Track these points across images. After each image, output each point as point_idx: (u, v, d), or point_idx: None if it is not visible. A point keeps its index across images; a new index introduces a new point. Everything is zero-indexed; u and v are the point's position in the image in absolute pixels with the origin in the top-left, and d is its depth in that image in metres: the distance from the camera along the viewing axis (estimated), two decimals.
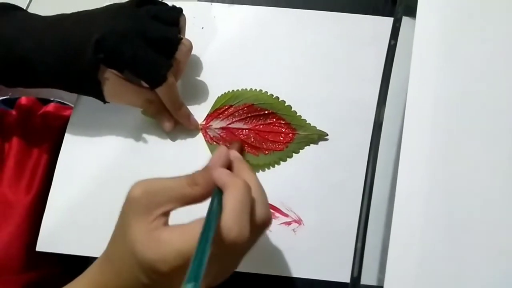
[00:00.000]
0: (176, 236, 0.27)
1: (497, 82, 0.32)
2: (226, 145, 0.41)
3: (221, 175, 0.29)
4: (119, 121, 0.43)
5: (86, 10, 0.39)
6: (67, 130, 0.44)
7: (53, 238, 0.40)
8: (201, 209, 0.29)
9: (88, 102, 0.44)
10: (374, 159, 0.34)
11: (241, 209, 0.27)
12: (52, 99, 0.53)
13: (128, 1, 0.40)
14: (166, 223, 0.29)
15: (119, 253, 0.29)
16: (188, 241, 0.27)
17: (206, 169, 0.30)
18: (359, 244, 0.32)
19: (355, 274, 0.32)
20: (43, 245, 0.40)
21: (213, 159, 0.32)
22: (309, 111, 0.42)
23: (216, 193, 0.29)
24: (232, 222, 0.27)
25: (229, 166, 0.32)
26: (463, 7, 0.35)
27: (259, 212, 0.29)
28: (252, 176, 0.31)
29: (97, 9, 0.39)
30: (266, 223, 0.30)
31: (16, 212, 0.42)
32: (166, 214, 0.29)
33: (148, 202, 0.28)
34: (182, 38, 0.40)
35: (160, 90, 0.39)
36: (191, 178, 0.29)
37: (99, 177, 0.42)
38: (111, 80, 0.38)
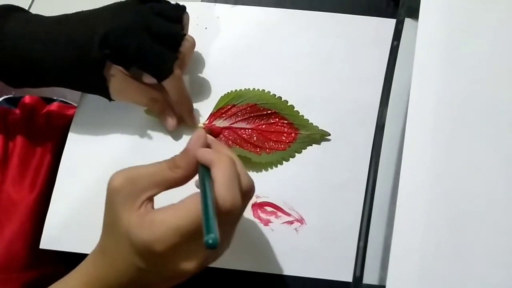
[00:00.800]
0: (169, 215, 0.28)
1: (500, 84, 0.32)
2: (228, 145, 0.42)
3: (206, 154, 0.30)
4: (123, 120, 0.43)
5: (88, 9, 0.40)
6: (70, 129, 0.44)
7: (56, 236, 0.40)
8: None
9: (91, 101, 0.44)
10: (376, 160, 0.34)
11: (231, 180, 0.28)
12: (55, 98, 0.54)
13: None
14: (153, 207, 0.30)
15: (113, 245, 0.30)
16: (183, 217, 0.27)
17: (186, 151, 0.31)
18: (362, 244, 0.32)
19: (357, 274, 0.32)
20: (46, 243, 0.40)
21: (192, 141, 0.32)
22: (311, 111, 0.42)
23: (203, 171, 0.30)
24: (225, 192, 0.28)
25: (207, 147, 0.33)
26: (465, 8, 0.35)
27: (244, 181, 0.30)
28: (231, 152, 0.33)
29: (100, 7, 0.40)
30: (252, 189, 0.31)
31: (19, 210, 0.42)
32: (150, 199, 0.30)
33: (130, 190, 0.29)
34: (185, 34, 0.40)
35: (167, 83, 0.39)
36: (172, 161, 0.30)
37: (102, 176, 0.41)
38: (116, 77, 0.39)
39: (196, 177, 0.31)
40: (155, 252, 0.28)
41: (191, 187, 0.32)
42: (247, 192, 0.31)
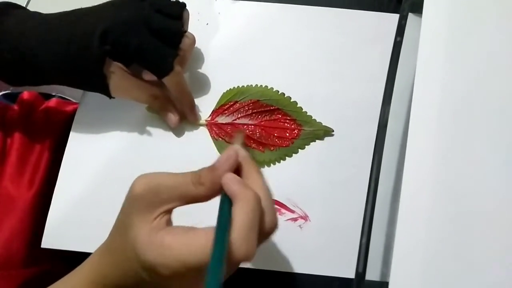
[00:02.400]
0: (180, 245, 0.26)
1: (504, 81, 0.32)
2: (230, 140, 0.41)
3: (231, 183, 0.28)
4: (124, 118, 0.43)
5: (88, 6, 0.39)
6: (72, 127, 0.43)
7: (58, 234, 0.40)
8: (201, 209, 0.29)
9: (93, 99, 0.44)
10: (379, 157, 0.34)
11: (251, 227, 0.27)
12: (54, 94, 0.53)
13: None
14: (168, 221, 0.29)
15: (120, 247, 0.29)
16: (193, 253, 0.26)
17: (213, 169, 0.29)
18: (364, 240, 0.32)
19: (360, 270, 0.32)
20: (48, 241, 0.40)
21: (221, 159, 0.30)
22: (314, 107, 0.42)
23: (224, 200, 0.28)
24: (242, 240, 0.26)
25: (237, 167, 0.31)
26: (469, 4, 0.35)
27: (268, 221, 0.29)
28: (260, 180, 0.30)
29: (99, 4, 0.39)
30: (273, 229, 0.30)
31: (18, 206, 0.42)
32: (169, 211, 0.29)
33: (150, 200, 0.28)
34: (186, 31, 0.40)
35: (168, 80, 0.39)
36: (197, 177, 0.28)
37: (104, 174, 0.42)
38: (117, 73, 0.38)
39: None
40: (160, 274, 0.27)
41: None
42: (267, 233, 0.29)
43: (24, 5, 0.42)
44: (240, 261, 0.26)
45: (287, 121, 0.42)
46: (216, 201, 0.29)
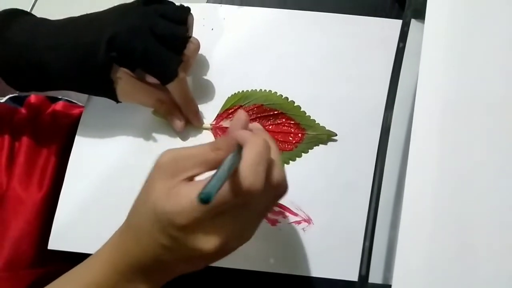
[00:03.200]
0: (195, 189, 0.27)
1: (507, 85, 0.33)
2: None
3: (243, 133, 0.30)
4: (130, 121, 0.44)
5: (93, 12, 0.40)
6: (78, 130, 0.44)
7: (64, 236, 0.40)
8: None
9: (99, 103, 0.44)
10: (382, 162, 0.34)
11: (258, 161, 0.28)
12: (60, 97, 0.54)
13: (135, 0, 0.40)
14: None
15: (140, 218, 0.30)
16: None
17: (227, 133, 0.31)
18: (367, 243, 0.33)
19: (363, 273, 0.32)
20: (54, 243, 0.40)
21: (233, 123, 0.32)
22: (318, 112, 0.42)
23: (236, 150, 0.29)
24: (248, 171, 0.27)
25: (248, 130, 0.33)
26: (472, 10, 0.35)
27: (276, 173, 0.30)
28: (271, 139, 0.32)
29: (105, 10, 0.40)
30: (282, 186, 0.31)
31: (26, 208, 0.42)
32: (190, 179, 0.30)
33: (174, 167, 0.29)
34: (190, 36, 0.40)
35: (171, 86, 0.40)
36: (214, 143, 0.30)
37: (110, 177, 0.42)
38: (123, 79, 0.39)
39: None
40: (176, 225, 0.27)
41: None
42: (275, 186, 0.30)
43: (28, 10, 0.43)
44: (246, 192, 0.27)
45: (291, 125, 0.42)
46: None
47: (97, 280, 0.31)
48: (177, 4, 0.41)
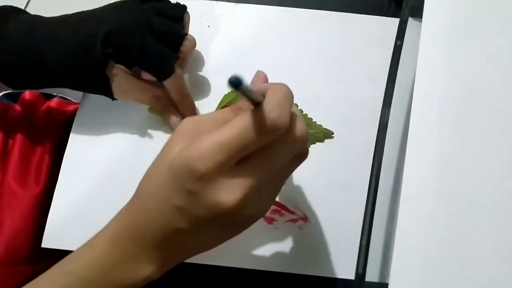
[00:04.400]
0: (216, 131, 0.25)
1: (504, 83, 0.33)
2: None
3: (265, 84, 0.28)
4: (125, 118, 0.43)
5: (89, 9, 0.40)
6: (73, 128, 0.44)
7: (58, 234, 0.40)
8: None
9: (94, 100, 0.44)
10: (379, 160, 0.34)
11: (283, 98, 0.26)
12: (55, 94, 0.54)
13: None
14: None
15: (151, 184, 0.28)
16: (229, 132, 0.25)
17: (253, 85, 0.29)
18: (364, 241, 0.33)
19: (360, 271, 0.32)
20: (48, 241, 0.40)
21: (253, 81, 0.31)
22: (315, 110, 0.42)
23: None
24: (273, 105, 0.25)
25: None
26: (469, 8, 0.35)
27: (299, 124, 0.28)
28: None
29: (101, 7, 0.40)
30: (304, 140, 0.28)
31: (22, 204, 0.42)
32: None
33: (194, 130, 0.27)
34: (186, 33, 0.40)
35: (168, 82, 0.39)
36: (235, 105, 0.28)
37: (105, 174, 0.42)
38: (119, 76, 0.38)
39: None
40: (196, 173, 0.25)
41: None
42: (299, 137, 0.28)
43: (23, 8, 0.43)
44: (271, 126, 0.25)
45: None
46: None
47: (99, 258, 0.29)
48: (174, 1, 0.41)
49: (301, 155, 0.30)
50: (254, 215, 0.29)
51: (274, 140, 0.26)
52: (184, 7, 0.41)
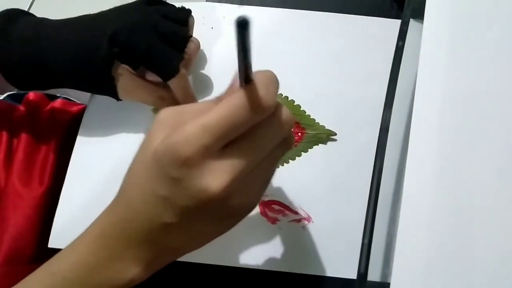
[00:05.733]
0: (201, 114, 0.25)
1: (505, 84, 0.33)
2: None
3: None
4: (131, 119, 0.44)
5: (96, 12, 0.40)
6: (80, 129, 0.44)
7: (65, 235, 0.40)
8: None
9: (100, 101, 0.44)
10: (381, 159, 0.35)
11: (269, 80, 0.26)
12: (58, 95, 0.54)
13: (137, 0, 0.40)
14: None
15: (134, 177, 0.27)
16: (215, 113, 0.24)
17: (230, 85, 0.28)
18: (366, 241, 0.33)
19: (362, 270, 0.32)
20: (55, 242, 0.40)
21: (235, 75, 0.28)
22: (318, 111, 0.43)
23: None
24: (263, 84, 0.25)
25: None
26: (471, 10, 0.35)
27: (284, 110, 0.27)
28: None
29: (106, 10, 0.40)
30: (291, 122, 0.28)
31: (26, 204, 0.42)
32: None
33: (175, 120, 0.26)
34: (191, 36, 0.41)
35: (173, 82, 0.40)
36: (217, 98, 0.27)
37: (111, 175, 0.42)
38: (124, 76, 0.39)
39: None
40: (181, 158, 0.24)
41: None
42: (285, 121, 0.27)
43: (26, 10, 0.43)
44: (264, 104, 0.25)
45: None
46: None
47: (83, 258, 0.28)
48: (178, 3, 0.42)
49: (287, 142, 0.29)
50: (243, 204, 0.27)
51: (261, 123, 0.26)
52: (189, 11, 0.41)
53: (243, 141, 0.26)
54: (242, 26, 0.21)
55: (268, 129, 0.26)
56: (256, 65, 0.44)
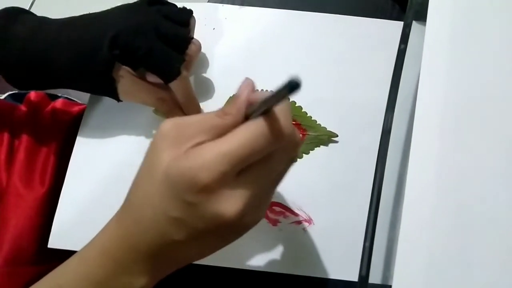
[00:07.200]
0: (220, 142, 0.25)
1: (507, 88, 0.33)
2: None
3: (259, 94, 0.28)
4: (131, 120, 0.44)
5: (97, 12, 0.40)
6: (79, 129, 0.44)
7: (65, 235, 0.40)
8: None
9: (100, 102, 0.44)
10: (383, 162, 0.35)
11: (288, 107, 0.27)
12: (59, 95, 0.54)
13: (138, 0, 0.40)
14: None
15: (144, 193, 0.27)
16: (234, 142, 0.25)
17: (235, 98, 0.28)
18: (368, 243, 0.33)
19: (363, 273, 0.32)
20: (55, 242, 0.40)
21: (241, 87, 0.29)
22: (319, 113, 0.43)
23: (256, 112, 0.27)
24: (283, 113, 0.26)
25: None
26: (473, 12, 0.35)
27: (297, 132, 0.28)
28: None
29: (107, 9, 0.40)
30: (300, 143, 0.30)
31: (27, 204, 0.42)
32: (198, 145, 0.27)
33: (178, 134, 0.26)
34: (192, 37, 0.41)
35: (174, 84, 0.40)
36: (221, 110, 0.28)
37: (111, 176, 0.42)
38: (125, 77, 0.39)
39: None
40: (199, 184, 0.24)
41: None
42: (299, 142, 0.29)
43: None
44: (287, 135, 0.26)
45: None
46: None
47: (92, 271, 0.28)
48: (179, 4, 0.42)
49: (296, 159, 0.30)
50: (252, 221, 0.29)
51: (278, 149, 0.27)
52: (190, 12, 0.41)
53: (259, 166, 0.26)
54: (294, 87, 0.22)
55: (285, 154, 0.27)
56: (257, 66, 0.45)
